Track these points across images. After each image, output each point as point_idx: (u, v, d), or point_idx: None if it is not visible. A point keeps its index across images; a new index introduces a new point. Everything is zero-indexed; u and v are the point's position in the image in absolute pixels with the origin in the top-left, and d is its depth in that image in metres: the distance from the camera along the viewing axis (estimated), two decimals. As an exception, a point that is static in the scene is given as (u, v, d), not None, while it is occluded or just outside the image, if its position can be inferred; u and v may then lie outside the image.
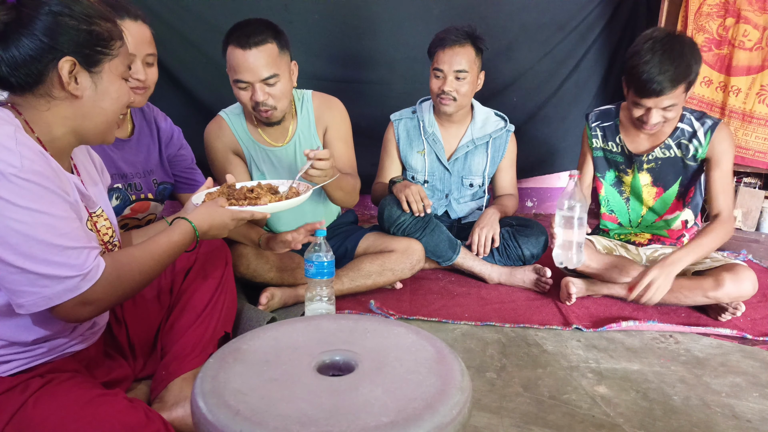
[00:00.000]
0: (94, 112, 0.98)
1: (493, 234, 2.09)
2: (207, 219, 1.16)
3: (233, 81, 1.69)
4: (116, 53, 0.98)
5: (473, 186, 2.31)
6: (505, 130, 2.27)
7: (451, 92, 2.11)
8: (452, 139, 2.29)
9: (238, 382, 0.77)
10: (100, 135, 1.02)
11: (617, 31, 3.14)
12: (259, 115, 1.74)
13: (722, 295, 1.75)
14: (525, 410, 1.30)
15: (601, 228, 2.14)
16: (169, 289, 1.35)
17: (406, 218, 2.03)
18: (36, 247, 0.85)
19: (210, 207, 1.20)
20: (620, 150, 1.99)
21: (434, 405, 0.68)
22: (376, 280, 1.92)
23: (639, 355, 1.59)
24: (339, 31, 2.92)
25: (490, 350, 1.60)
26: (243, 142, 1.88)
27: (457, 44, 2.08)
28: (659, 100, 1.72)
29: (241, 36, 1.64)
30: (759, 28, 2.68)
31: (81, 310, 0.91)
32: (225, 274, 1.40)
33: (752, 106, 2.73)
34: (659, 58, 1.67)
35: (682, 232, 2.04)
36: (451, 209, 2.34)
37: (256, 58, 1.63)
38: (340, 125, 1.94)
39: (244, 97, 1.70)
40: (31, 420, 0.89)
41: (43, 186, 0.86)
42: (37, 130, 0.94)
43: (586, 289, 1.96)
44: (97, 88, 0.97)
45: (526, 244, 2.11)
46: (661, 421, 1.27)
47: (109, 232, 1.09)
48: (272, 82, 1.67)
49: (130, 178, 1.54)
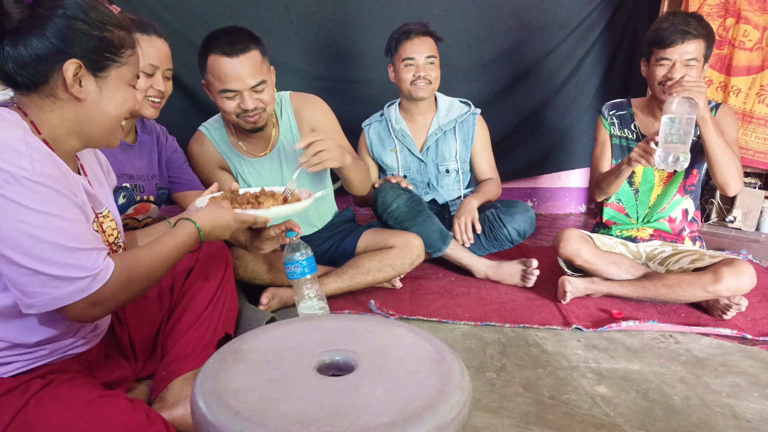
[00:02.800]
0: (97, 116, 0.98)
1: (472, 220, 2.13)
2: (210, 220, 1.18)
3: (219, 91, 1.66)
4: (125, 61, 0.99)
5: (450, 171, 2.38)
6: (470, 113, 2.34)
7: (427, 76, 2.22)
8: (420, 132, 2.37)
9: (238, 382, 0.77)
10: (103, 139, 1.02)
11: (618, 31, 3.14)
12: (246, 121, 1.72)
13: (722, 289, 1.75)
14: (525, 410, 1.30)
15: (604, 220, 2.15)
16: (170, 289, 1.35)
17: (399, 204, 2.07)
18: (48, 250, 0.86)
19: (213, 208, 1.22)
20: (635, 137, 2.06)
21: (434, 405, 0.68)
22: (376, 277, 1.92)
23: (639, 355, 1.59)
24: (339, 31, 2.93)
25: (490, 350, 1.60)
26: (227, 156, 1.88)
27: (422, 34, 2.23)
28: (683, 47, 1.84)
29: (224, 44, 1.61)
30: (759, 28, 2.68)
31: (91, 310, 0.92)
32: (226, 274, 1.40)
33: (752, 106, 2.73)
34: (682, 16, 1.88)
35: (683, 225, 2.05)
36: (437, 195, 2.40)
37: (243, 66, 1.62)
38: (324, 120, 1.92)
39: (230, 106, 1.68)
40: (33, 421, 0.89)
41: (54, 189, 0.87)
42: (43, 132, 0.95)
43: (585, 289, 1.96)
44: (102, 92, 0.97)
45: (512, 222, 2.14)
46: (661, 421, 1.27)
47: (114, 233, 1.10)
48: (260, 88, 1.67)
49: (136, 180, 1.62)
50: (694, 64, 1.85)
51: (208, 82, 1.70)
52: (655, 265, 2.00)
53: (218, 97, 1.68)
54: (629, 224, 2.11)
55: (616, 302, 1.94)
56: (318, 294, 1.59)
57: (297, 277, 1.55)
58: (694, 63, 1.85)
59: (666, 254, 2.00)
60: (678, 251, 1.97)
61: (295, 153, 1.89)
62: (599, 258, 1.96)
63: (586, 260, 1.96)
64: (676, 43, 1.84)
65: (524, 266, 2.07)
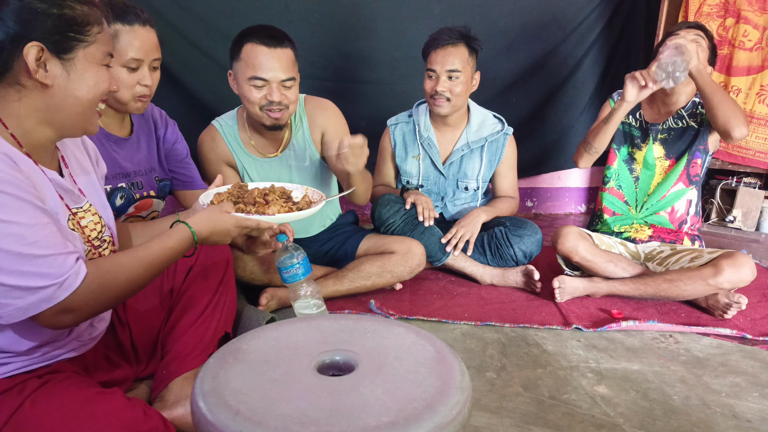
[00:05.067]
0: (68, 102, 0.91)
1: (470, 236, 2.09)
2: (208, 225, 1.11)
3: (248, 78, 1.65)
4: (92, 39, 0.91)
5: (468, 189, 2.30)
6: (502, 133, 2.24)
7: (444, 92, 2.09)
8: (447, 143, 2.28)
9: (238, 382, 0.77)
10: (78, 126, 0.95)
11: (616, 31, 3.15)
12: (268, 116, 1.70)
13: (723, 281, 1.75)
14: (525, 410, 1.30)
15: (603, 206, 2.15)
16: (170, 289, 1.35)
17: (396, 220, 2.06)
18: (4, 259, 0.81)
19: (213, 212, 1.14)
20: (638, 124, 2.09)
21: (434, 405, 0.68)
22: (376, 282, 1.92)
23: (639, 355, 1.59)
24: (339, 31, 2.92)
25: (490, 350, 1.60)
26: (236, 153, 1.87)
27: (450, 44, 2.07)
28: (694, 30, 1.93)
29: (263, 36, 1.64)
30: (759, 28, 2.68)
31: (62, 318, 0.87)
32: (226, 274, 1.40)
33: (752, 106, 2.73)
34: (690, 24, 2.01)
35: (684, 217, 2.05)
36: (446, 211, 2.34)
37: (278, 59, 1.64)
38: (338, 126, 1.92)
39: (256, 96, 1.67)
40: (29, 420, 0.88)
41: (8, 193, 0.82)
42: (10, 125, 0.90)
43: (585, 289, 1.96)
44: (70, 76, 0.90)
45: (519, 243, 2.08)
46: (661, 421, 1.27)
47: (97, 227, 1.04)
48: (289, 84, 1.68)
49: (133, 177, 1.53)
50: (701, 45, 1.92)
51: (237, 71, 1.69)
52: (654, 266, 2.00)
53: (245, 85, 1.67)
54: (628, 215, 2.11)
55: (615, 302, 1.94)
56: (314, 293, 1.57)
57: (292, 281, 1.51)
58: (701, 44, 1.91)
59: (665, 254, 2.00)
60: (677, 251, 1.98)
61: (305, 156, 1.90)
62: (597, 255, 1.96)
63: (584, 257, 1.95)
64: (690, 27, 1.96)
65: (527, 276, 2.03)
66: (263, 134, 1.83)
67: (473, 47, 2.11)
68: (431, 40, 2.12)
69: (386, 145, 2.34)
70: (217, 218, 1.13)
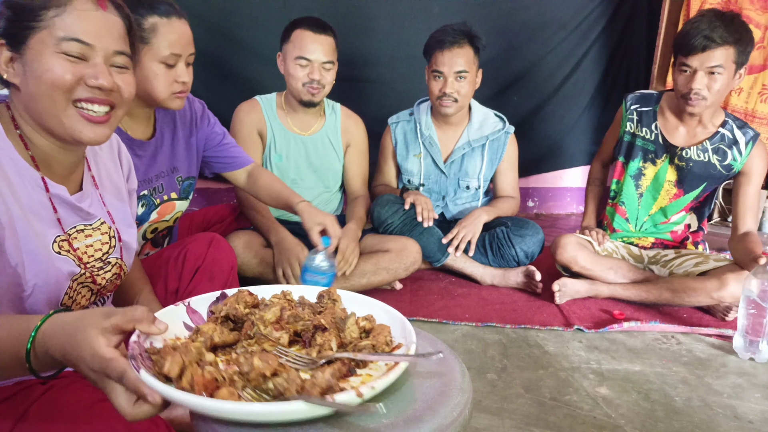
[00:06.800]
0: (31, 102, 0.81)
1: (472, 237, 2.08)
2: (63, 340, 0.65)
3: (295, 57, 1.88)
4: (44, 24, 0.79)
5: (469, 188, 2.29)
6: (504, 131, 2.23)
7: (453, 94, 2.09)
8: (449, 142, 2.27)
9: (237, 383, 0.76)
10: (57, 130, 0.83)
11: (618, 30, 3.14)
12: (307, 91, 1.91)
13: (726, 296, 1.74)
14: (526, 411, 1.29)
15: (608, 220, 2.12)
16: (176, 289, 1.35)
17: (395, 221, 2.05)
18: None
19: (84, 328, 0.63)
20: (654, 138, 1.95)
21: (434, 406, 0.67)
22: (371, 279, 1.91)
23: (641, 356, 1.58)
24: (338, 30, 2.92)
25: (491, 351, 1.59)
26: (270, 124, 2.03)
27: (456, 45, 2.06)
28: (705, 56, 1.69)
29: (312, 24, 1.89)
30: (761, 27, 2.67)
31: None
32: (230, 277, 1.40)
33: (754, 105, 2.72)
34: (710, 18, 1.70)
35: (685, 234, 2.03)
36: (447, 210, 2.33)
37: (323, 43, 1.89)
38: (362, 144, 2.16)
39: (300, 73, 1.90)
40: (34, 427, 0.88)
41: None
42: (20, 127, 0.85)
43: (586, 291, 1.95)
44: (25, 69, 0.80)
45: (521, 244, 2.08)
46: (663, 422, 1.26)
47: (104, 248, 0.98)
48: (328, 67, 1.92)
49: (154, 182, 1.46)
50: (720, 72, 1.71)
51: (286, 52, 1.93)
52: (658, 268, 1.99)
53: (291, 64, 1.90)
54: (627, 231, 2.08)
55: (617, 303, 1.93)
56: None
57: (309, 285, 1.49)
58: (720, 71, 1.71)
59: (669, 257, 1.98)
60: (681, 254, 1.96)
61: (328, 149, 2.09)
62: (596, 264, 1.95)
63: (584, 266, 1.94)
64: (698, 51, 1.70)
65: (528, 277, 2.03)
66: (299, 113, 2.04)
67: (476, 46, 2.11)
68: (435, 40, 2.10)
69: (387, 144, 2.34)
70: (79, 338, 0.63)
